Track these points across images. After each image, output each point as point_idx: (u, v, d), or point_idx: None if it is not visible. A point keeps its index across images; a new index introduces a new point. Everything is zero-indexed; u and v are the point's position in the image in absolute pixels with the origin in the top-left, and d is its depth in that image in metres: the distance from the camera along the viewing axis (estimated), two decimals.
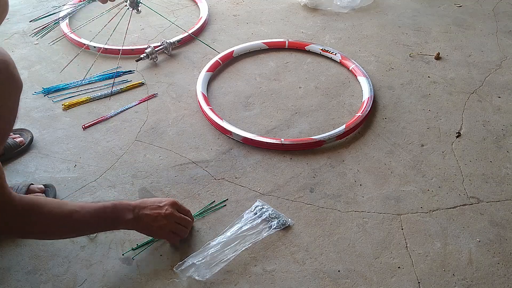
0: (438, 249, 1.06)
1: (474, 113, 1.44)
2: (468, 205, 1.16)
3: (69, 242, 1.07)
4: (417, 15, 1.93)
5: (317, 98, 1.49)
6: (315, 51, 1.66)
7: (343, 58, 1.60)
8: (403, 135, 1.36)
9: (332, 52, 1.63)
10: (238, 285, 0.99)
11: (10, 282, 1.00)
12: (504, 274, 1.01)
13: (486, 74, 1.59)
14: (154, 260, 1.04)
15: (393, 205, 1.16)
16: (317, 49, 1.66)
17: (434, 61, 1.66)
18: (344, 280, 1.00)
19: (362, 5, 1.97)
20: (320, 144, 1.31)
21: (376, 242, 1.07)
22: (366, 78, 1.50)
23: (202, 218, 1.12)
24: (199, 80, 1.53)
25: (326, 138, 1.31)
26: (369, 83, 1.49)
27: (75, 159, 1.28)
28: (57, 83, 1.54)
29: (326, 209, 1.15)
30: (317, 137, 1.31)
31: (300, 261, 1.04)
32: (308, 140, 1.31)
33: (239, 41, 1.77)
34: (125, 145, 1.33)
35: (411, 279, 1.00)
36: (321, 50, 1.65)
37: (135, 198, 1.17)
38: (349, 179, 1.22)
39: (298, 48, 1.70)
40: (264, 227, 1.09)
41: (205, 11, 1.90)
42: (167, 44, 1.67)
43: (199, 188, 1.20)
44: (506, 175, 1.23)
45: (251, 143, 1.31)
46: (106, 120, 1.41)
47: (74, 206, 0.94)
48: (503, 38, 1.77)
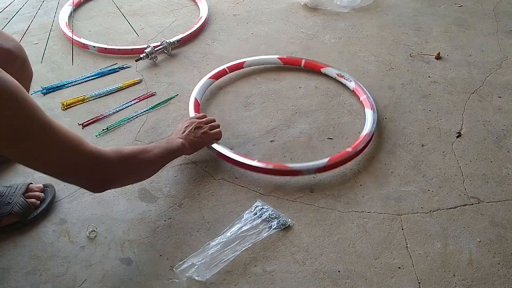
0: (438, 249, 1.05)
1: (474, 113, 1.43)
2: (469, 205, 1.15)
3: (68, 242, 1.07)
4: (418, 15, 1.93)
5: (317, 98, 1.48)
6: (330, 75, 1.56)
7: (356, 86, 1.48)
8: (403, 135, 1.35)
9: (348, 78, 1.51)
10: (238, 285, 0.99)
11: (10, 282, 0.99)
12: (504, 275, 1.00)
13: (487, 74, 1.59)
14: (154, 260, 1.04)
15: (393, 205, 1.15)
16: (333, 73, 1.55)
17: (434, 61, 1.66)
18: (344, 281, 1.00)
19: (362, 5, 1.97)
20: (296, 174, 1.20)
21: (376, 242, 1.07)
22: (373, 112, 1.37)
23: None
24: (198, 85, 1.46)
25: (304, 169, 1.20)
26: (374, 117, 1.35)
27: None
28: (56, 82, 1.55)
29: (326, 209, 1.15)
30: (293, 166, 1.20)
31: (300, 261, 1.03)
32: (282, 167, 1.20)
33: (239, 41, 1.77)
34: (125, 145, 1.32)
35: (411, 279, 1.00)
36: (337, 74, 1.53)
37: (135, 198, 1.17)
38: (349, 179, 1.22)
39: (314, 69, 1.59)
40: (264, 227, 1.09)
41: (205, 11, 1.90)
42: (166, 44, 1.67)
43: (199, 188, 1.20)
44: (506, 175, 1.23)
45: (225, 159, 1.24)
46: (105, 118, 1.41)
47: (142, 146, 1.08)
48: (504, 38, 1.77)
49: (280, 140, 1.34)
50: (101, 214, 1.14)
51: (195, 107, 1.38)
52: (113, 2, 1.90)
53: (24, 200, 1.10)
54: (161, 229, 1.10)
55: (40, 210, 1.12)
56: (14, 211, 1.08)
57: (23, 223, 1.10)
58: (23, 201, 1.10)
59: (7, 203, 1.09)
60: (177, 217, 1.13)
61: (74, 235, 1.09)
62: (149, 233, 1.09)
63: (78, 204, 1.16)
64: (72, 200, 1.17)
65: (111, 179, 0.96)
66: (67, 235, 1.09)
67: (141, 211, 1.14)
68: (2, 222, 1.08)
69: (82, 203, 1.16)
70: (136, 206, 1.16)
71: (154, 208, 1.15)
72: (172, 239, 1.08)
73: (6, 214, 1.08)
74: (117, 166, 0.95)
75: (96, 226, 1.10)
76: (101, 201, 1.17)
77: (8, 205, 1.08)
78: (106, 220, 1.12)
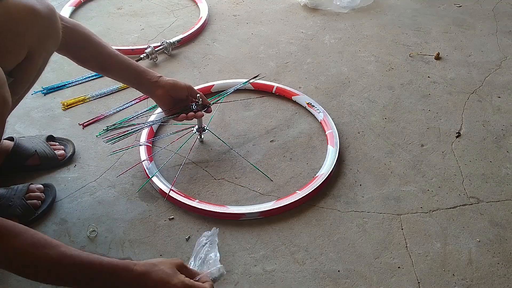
0: (438, 249, 1.06)
1: (474, 113, 1.44)
2: (468, 205, 1.16)
3: (69, 242, 1.07)
4: (417, 15, 1.93)
5: (317, 98, 1.48)
6: (301, 103, 1.45)
7: (324, 119, 1.36)
8: (403, 135, 1.36)
9: (317, 109, 1.40)
10: (238, 285, 0.99)
11: (10, 282, 1.00)
12: (504, 274, 1.01)
13: (486, 74, 1.59)
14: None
15: (393, 205, 1.16)
16: (303, 101, 1.44)
17: (434, 61, 1.66)
18: (344, 280, 1.00)
19: (362, 5, 1.97)
20: (238, 217, 1.11)
21: (376, 242, 1.07)
22: (335, 150, 1.25)
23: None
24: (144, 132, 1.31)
25: (246, 213, 1.11)
26: (334, 157, 1.23)
27: (75, 159, 1.28)
28: (57, 82, 1.55)
29: (326, 209, 1.15)
30: (234, 209, 1.11)
31: (300, 261, 1.04)
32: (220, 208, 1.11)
33: (239, 41, 1.77)
34: (125, 145, 1.32)
35: (411, 279, 1.00)
36: (307, 104, 1.43)
37: (135, 198, 1.18)
38: (349, 179, 1.22)
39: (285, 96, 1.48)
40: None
41: (205, 11, 1.90)
42: (167, 44, 1.67)
43: (199, 188, 1.20)
44: (506, 175, 1.23)
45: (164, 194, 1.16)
46: (105, 119, 1.41)
47: (60, 247, 0.77)
48: (503, 38, 1.77)
49: (280, 140, 1.34)
50: (101, 214, 1.14)
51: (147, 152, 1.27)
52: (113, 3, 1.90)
53: (25, 202, 1.10)
54: (161, 229, 1.10)
55: (41, 211, 1.12)
56: (15, 213, 1.08)
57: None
58: (24, 203, 1.10)
59: (7, 206, 1.08)
60: (177, 217, 1.13)
61: (75, 235, 1.09)
62: (149, 233, 1.10)
63: (79, 204, 1.16)
64: (72, 200, 1.17)
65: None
66: (67, 235, 1.09)
67: (141, 211, 1.15)
68: None
69: (82, 203, 1.16)
70: (137, 206, 1.16)
71: (154, 208, 1.15)
72: (172, 239, 1.08)
73: (7, 217, 1.07)
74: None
75: (96, 226, 1.10)
76: (102, 201, 1.17)
77: (9, 208, 1.08)
78: (106, 220, 1.12)
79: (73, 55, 1.14)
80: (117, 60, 1.17)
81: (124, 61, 1.18)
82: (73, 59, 1.16)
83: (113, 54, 1.16)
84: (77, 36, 1.12)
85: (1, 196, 1.10)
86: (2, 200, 1.09)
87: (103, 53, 1.16)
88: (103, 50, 1.16)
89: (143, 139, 1.30)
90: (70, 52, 1.13)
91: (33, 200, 1.12)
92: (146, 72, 1.20)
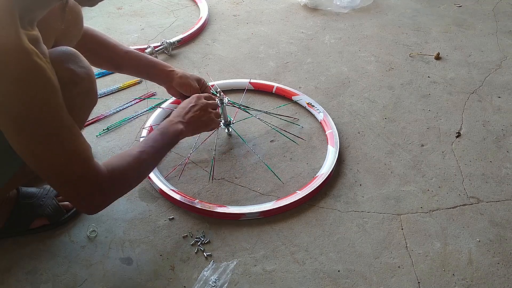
0: (438, 249, 1.06)
1: (474, 113, 1.44)
2: (468, 205, 1.16)
3: (69, 242, 1.07)
4: (417, 15, 1.93)
5: (317, 98, 1.48)
6: (301, 103, 1.45)
7: (324, 119, 1.37)
8: (403, 135, 1.36)
9: (317, 109, 1.41)
10: (238, 285, 0.99)
11: (10, 282, 1.00)
12: (504, 274, 1.01)
13: (486, 74, 1.59)
14: (154, 260, 1.04)
15: (393, 205, 1.16)
16: (303, 101, 1.44)
17: (434, 61, 1.66)
18: (344, 280, 1.00)
19: (362, 5, 1.97)
20: (238, 217, 1.11)
21: (376, 242, 1.07)
22: (335, 150, 1.25)
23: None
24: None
25: (246, 213, 1.11)
26: (334, 157, 1.23)
27: None
28: None
29: (326, 209, 1.15)
30: (234, 209, 1.12)
31: (300, 261, 1.04)
32: (220, 208, 1.11)
33: (239, 41, 1.77)
34: (125, 145, 1.32)
35: (411, 279, 1.00)
36: (307, 104, 1.43)
37: (135, 198, 1.18)
38: (349, 179, 1.22)
39: (285, 96, 1.49)
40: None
41: (205, 11, 1.91)
42: (167, 44, 1.67)
43: (199, 188, 1.20)
44: (506, 175, 1.23)
45: (164, 194, 1.16)
46: (105, 118, 1.41)
47: (138, 148, 0.98)
48: (503, 38, 1.77)
49: (280, 140, 1.34)
50: (101, 214, 1.13)
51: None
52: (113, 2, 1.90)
53: (56, 203, 1.09)
54: (161, 229, 1.10)
55: (71, 213, 1.11)
56: (45, 213, 1.07)
57: (53, 226, 1.09)
58: (55, 204, 1.09)
59: (39, 205, 1.07)
60: (177, 217, 1.13)
61: (75, 235, 1.09)
62: (149, 233, 1.10)
63: None
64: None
65: (110, 201, 0.93)
66: (67, 234, 1.09)
67: (141, 211, 1.15)
68: (34, 224, 1.07)
69: None
70: (137, 206, 1.16)
71: (154, 208, 1.15)
72: (172, 239, 1.08)
73: (37, 216, 1.07)
74: (117, 189, 0.92)
75: (96, 226, 1.10)
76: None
77: (40, 207, 1.07)
78: (106, 220, 1.12)
79: (90, 60, 1.10)
80: (130, 56, 1.21)
81: (136, 57, 1.22)
82: (90, 62, 1.13)
83: (126, 53, 1.21)
84: (93, 42, 1.15)
85: (32, 194, 1.08)
86: (33, 199, 1.08)
87: (118, 53, 1.20)
88: (117, 50, 1.20)
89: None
90: (87, 58, 1.09)
91: (65, 202, 1.11)
92: (158, 65, 1.24)
